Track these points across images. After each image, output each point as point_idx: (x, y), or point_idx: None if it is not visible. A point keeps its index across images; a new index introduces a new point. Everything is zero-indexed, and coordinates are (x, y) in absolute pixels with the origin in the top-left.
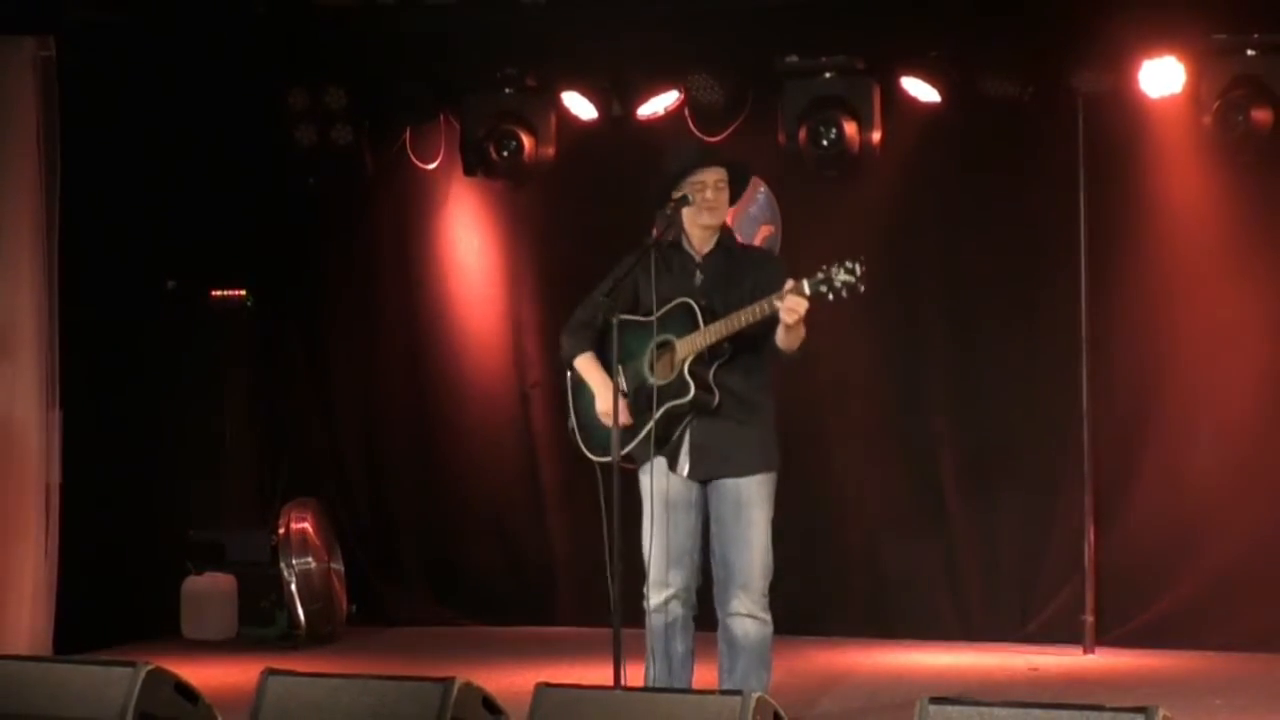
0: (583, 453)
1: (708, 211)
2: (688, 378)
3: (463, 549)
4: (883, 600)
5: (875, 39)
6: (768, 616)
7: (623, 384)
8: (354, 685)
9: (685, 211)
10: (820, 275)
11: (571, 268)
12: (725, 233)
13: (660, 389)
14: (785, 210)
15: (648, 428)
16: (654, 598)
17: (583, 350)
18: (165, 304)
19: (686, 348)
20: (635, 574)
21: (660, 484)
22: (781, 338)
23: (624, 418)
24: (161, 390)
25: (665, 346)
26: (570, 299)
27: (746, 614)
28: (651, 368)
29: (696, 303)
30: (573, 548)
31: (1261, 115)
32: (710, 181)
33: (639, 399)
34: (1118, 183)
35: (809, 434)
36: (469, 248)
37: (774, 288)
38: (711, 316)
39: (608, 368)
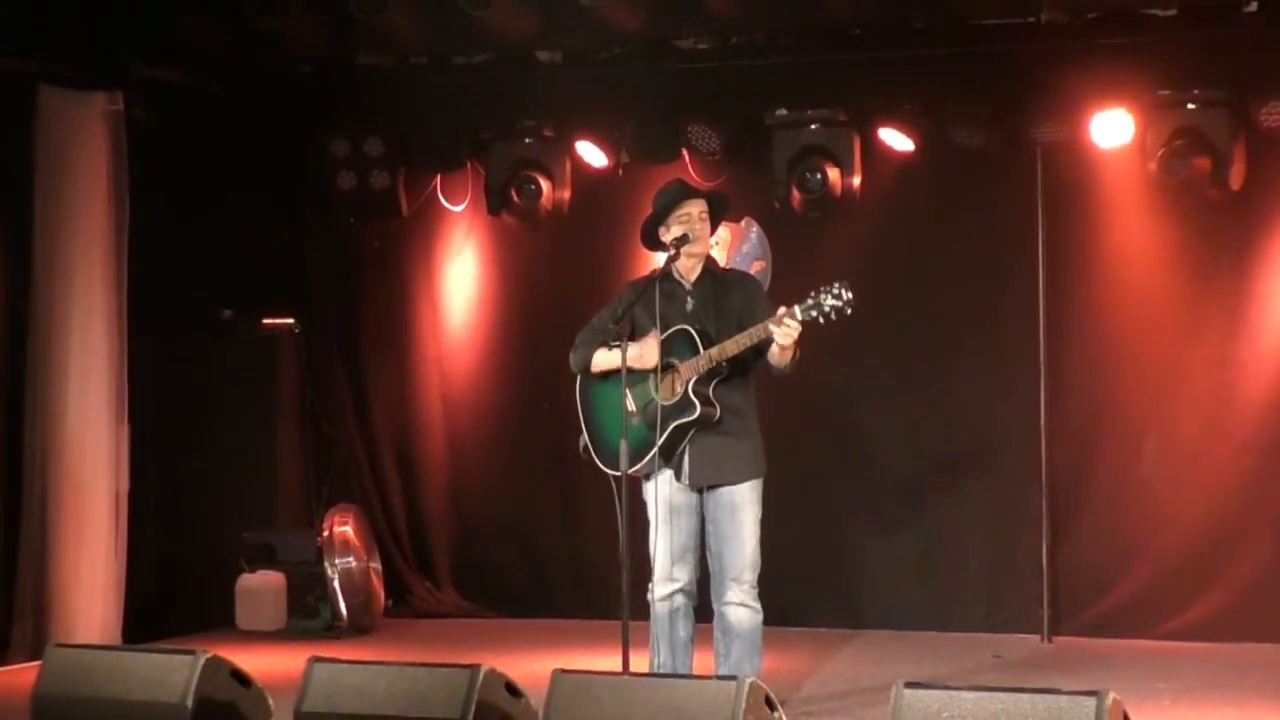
0: (596, 466)
1: (695, 241)
2: (692, 397)
3: (487, 549)
4: (862, 595)
5: (855, 94)
6: (758, 605)
7: (631, 404)
8: (391, 671)
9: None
10: (810, 301)
11: (584, 298)
12: (709, 260)
13: (667, 408)
14: (775, 247)
15: (656, 446)
16: (660, 590)
17: (591, 356)
18: (222, 331)
19: (689, 370)
20: (640, 572)
21: (664, 491)
22: (776, 356)
23: (653, 358)
24: (218, 408)
25: (669, 369)
26: (583, 326)
27: (740, 603)
28: (657, 389)
29: (694, 329)
30: (585, 548)
31: (1201, 163)
32: (695, 214)
33: (647, 417)
34: (1073, 223)
35: (797, 446)
36: (492, 280)
37: (756, 303)
38: (707, 340)
39: (598, 396)
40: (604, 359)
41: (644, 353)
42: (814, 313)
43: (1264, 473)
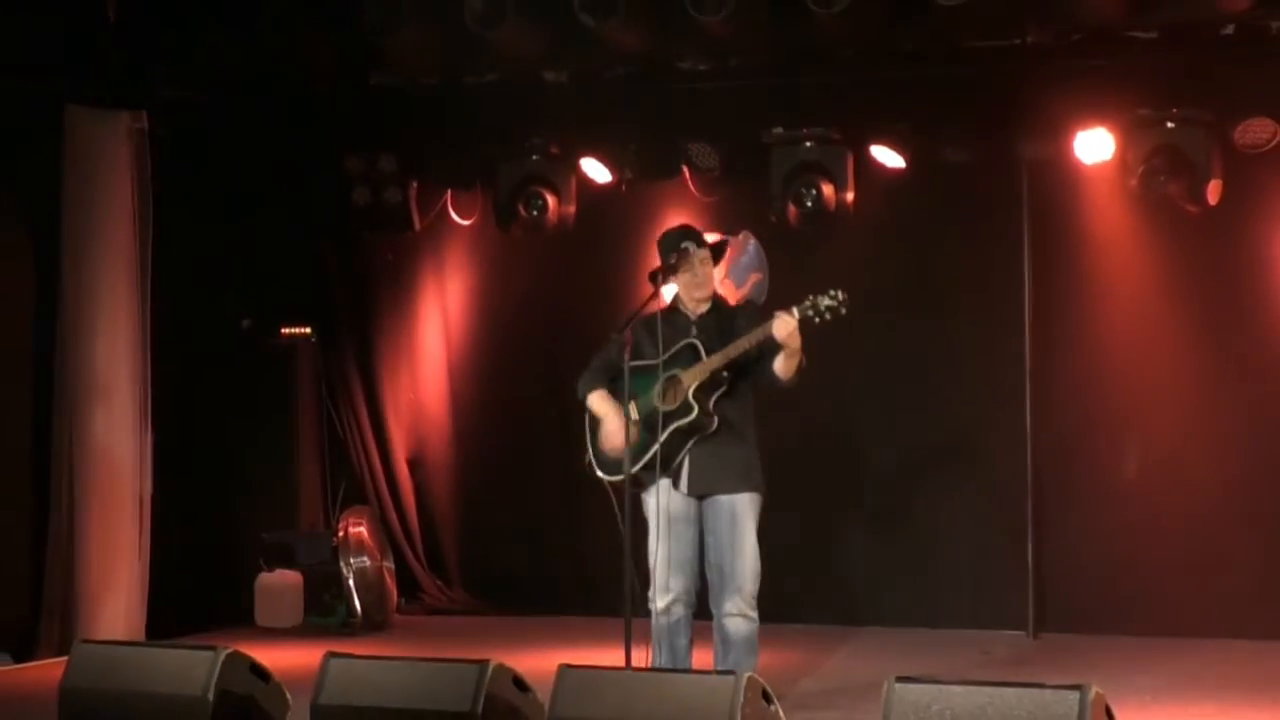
0: (599, 479)
1: (696, 286)
2: (691, 401)
3: (494, 550)
4: (855, 593)
5: (849, 113)
6: (756, 614)
7: (634, 413)
8: (404, 666)
9: (681, 283)
10: (807, 302)
11: (590, 309)
12: (716, 298)
13: (667, 413)
14: (772, 260)
15: (654, 448)
16: (659, 601)
17: (595, 389)
18: (241, 340)
19: (692, 376)
20: (643, 573)
21: (664, 502)
22: (780, 365)
23: (623, 442)
24: (238, 414)
25: (673, 380)
26: (587, 335)
27: (739, 614)
28: (661, 397)
29: (699, 343)
30: (589, 549)
31: (1179, 179)
32: (695, 262)
33: (648, 423)
34: (1057, 236)
35: (794, 452)
36: (501, 291)
37: (759, 323)
38: (711, 352)
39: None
40: (595, 403)
41: (612, 424)
42: (810, 312)
43: (1243, 476)
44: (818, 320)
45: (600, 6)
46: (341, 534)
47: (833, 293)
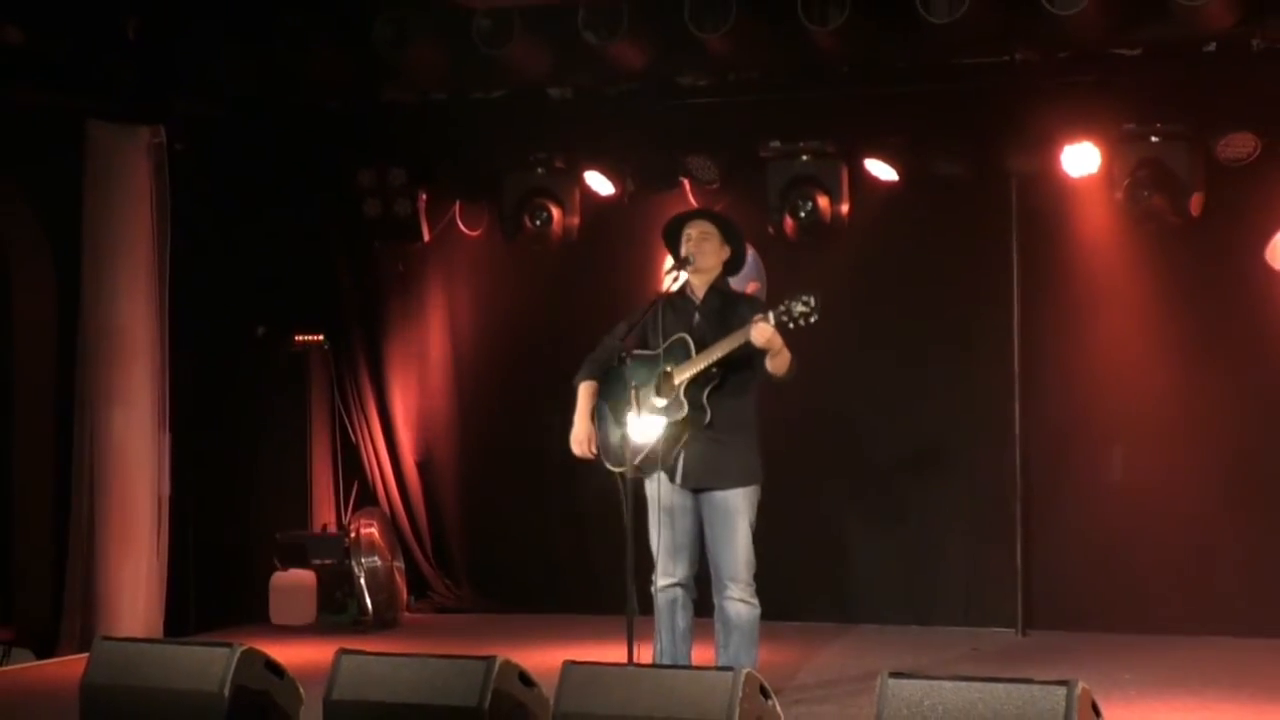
0: (603, 473)
1: (695, 258)
2: (683, 398)
3: (501, 550)
4: (850, 592)
5: (844, 128)
6: (755, 600)
7: (634, 407)
8: (413, 662)
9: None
10: (782, 308)
11: (592, 316)
12: (720, 280)
13: (660, 409)
14: (769, 270)
15: (653, 442)
16: (660, 583)
17: (586, 379)
18: (256, 347)
19: (681, 374)
20: (643, 567)
21: (662, 493)
22: (770, 363)
23: (589, 450)
24: (254, 418)
25: (665, 375)
26: (590, 341)
27: (738, 599)
28: (656, 392)
29: (691, 337)
30: (592, 549)
31: (1163, 192)
32: (694, 234)
33: (644, 419)
34: (1045, 247)
35: (793, 456)
36: (507, 300)
37: (759, 314)
38: (702, 348)
39: (605, 399)
40: (578, 397)
41: (577, 425)
42: (785, 318)
43: (1227, 477)
44: (792, 326)
45: (604, 25)
46: (353, 534)
47: (805, 299)
